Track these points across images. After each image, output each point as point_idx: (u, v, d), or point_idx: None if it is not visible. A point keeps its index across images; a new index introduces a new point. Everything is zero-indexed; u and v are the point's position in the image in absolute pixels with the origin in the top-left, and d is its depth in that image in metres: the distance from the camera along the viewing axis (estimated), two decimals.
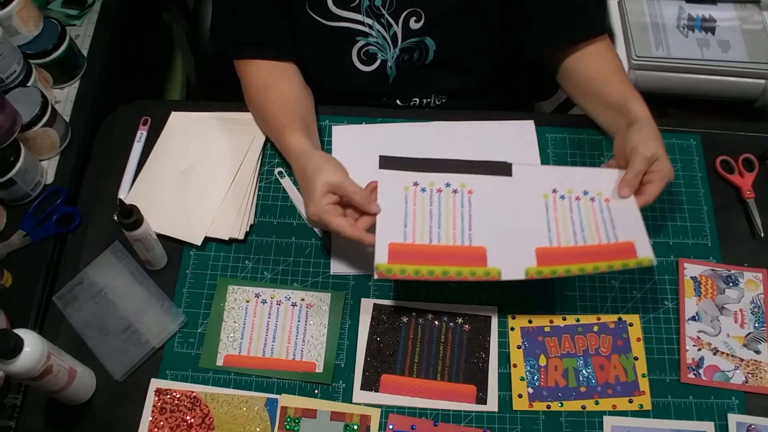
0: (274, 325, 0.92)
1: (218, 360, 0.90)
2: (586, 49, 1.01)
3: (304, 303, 0.94)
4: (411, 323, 0.92)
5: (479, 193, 0.90)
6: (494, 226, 0.88)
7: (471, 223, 0.88)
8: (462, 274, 0.83)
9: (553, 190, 0.91)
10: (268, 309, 0.93)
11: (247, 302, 0.93)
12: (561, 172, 0.94)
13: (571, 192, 0.90)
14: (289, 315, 0.93)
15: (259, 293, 0.94)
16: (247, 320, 0.92)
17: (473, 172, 0.91)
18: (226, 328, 0.92)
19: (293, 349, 0.90)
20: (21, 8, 1.08)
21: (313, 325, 0.92)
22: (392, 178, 0.90)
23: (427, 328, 0.92)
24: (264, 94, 1.00)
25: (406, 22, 0.98)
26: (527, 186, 0.91)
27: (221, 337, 0.91)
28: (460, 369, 0.89)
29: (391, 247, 0.85)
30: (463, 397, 0.87)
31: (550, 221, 0.88)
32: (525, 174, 0.91)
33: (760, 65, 1.13)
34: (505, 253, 0.85)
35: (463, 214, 0.88)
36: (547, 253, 0.86)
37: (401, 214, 0.87)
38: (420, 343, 0.91)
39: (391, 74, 1.05)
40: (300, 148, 0.91)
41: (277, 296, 0.94)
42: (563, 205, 0.90)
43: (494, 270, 0.84)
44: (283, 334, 0.91)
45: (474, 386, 0.88)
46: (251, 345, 0.91)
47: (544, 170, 0.97)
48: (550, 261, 0.85)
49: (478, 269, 0.84)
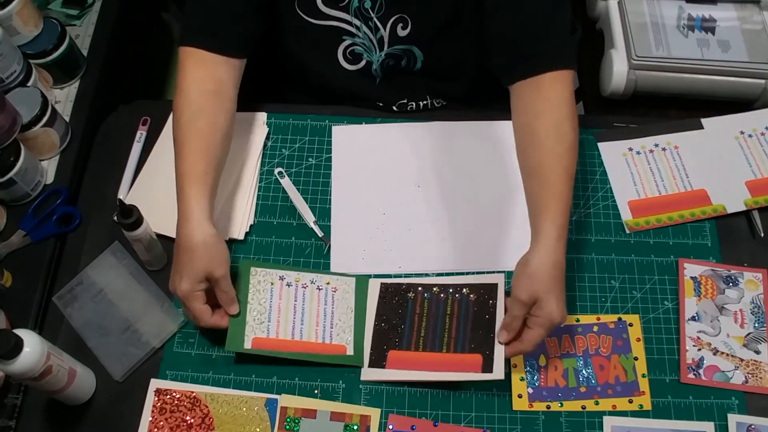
0: (301, 308, 0.91)
1: (246, 343, 0.88)
2: (533, 113, 0.90)
3: (330, 287, 0.93)
4: (417, 298, 0.92)
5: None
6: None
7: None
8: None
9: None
10: (293, 292, 0.92)
11: (272, 284, 0.92)
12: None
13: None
14: (315, 298, 0.92)
15: (284, 276, 0.93)
16: (273, 303, 0.91)
17: None
18: (252, 310, 0.90)
19: (322, 333, 0.90)
20: (21, 8, 1.08)
21: (341, 309, 0.92)
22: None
23: (434, 302, 0.91)
24: (193, 120, 0.90)
25: (393, 27, 0.98)
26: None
27: (248, 320, 0.89)
28: (465, 339, 0.87)
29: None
30: (468, 366, 0.85)
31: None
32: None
33: (760, 65, 1.13)
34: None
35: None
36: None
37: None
38: (426, 317, 0.90)
39: (377, 75, 1.05)
40: (198, 215, 0.85)
41: (302, 279, 0.93)
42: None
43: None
44: (311, 317, 0.91)
45: (480, 355, 0.85)
46: (279, 328, 0.89)
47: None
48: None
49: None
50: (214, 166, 0.90)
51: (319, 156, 1.05)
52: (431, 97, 1.09)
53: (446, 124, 1.07)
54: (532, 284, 0.81)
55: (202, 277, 0.84)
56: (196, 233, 0.84)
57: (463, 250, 0.97)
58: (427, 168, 1.03)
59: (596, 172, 1.03)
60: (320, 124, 1.08)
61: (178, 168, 0.88)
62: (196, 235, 0.84)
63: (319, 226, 0.99)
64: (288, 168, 1.04)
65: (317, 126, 1.08)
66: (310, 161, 1.05)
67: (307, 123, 1.08)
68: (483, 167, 1.03)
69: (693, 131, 1.06)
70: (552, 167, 0.86)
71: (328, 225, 0.99)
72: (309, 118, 1.08)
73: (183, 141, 0.89)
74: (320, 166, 1.04)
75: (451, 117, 1.07)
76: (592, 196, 1.01)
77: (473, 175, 1.02)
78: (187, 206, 0.86)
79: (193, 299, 0.84)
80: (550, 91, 0.90)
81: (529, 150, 0.89)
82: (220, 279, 0.85)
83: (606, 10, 1.23)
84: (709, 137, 1.05)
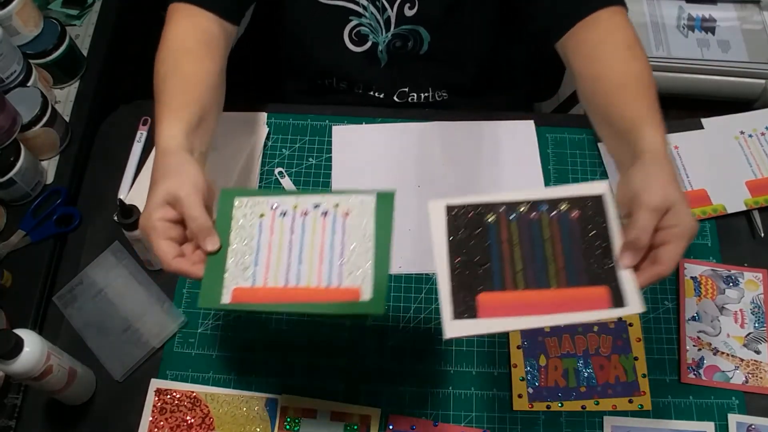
0: (299, 243, 0.71)
1: (224, 297, 0.69)
2: (594, 42, 0.84)
3: (339, 210, 0.72)
4: (501, 221, 0.72)
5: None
6: None
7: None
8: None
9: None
10: (290, 223, 0.72)
11: (261, 217, 0.72)
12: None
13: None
14: (319, 228, 0.71)
15: (277, 204, 0.72)
16: (261, 240, 0.71)
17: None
18: (234, 253, 0.70)
19: (327, 274, 0.69)
20: (21, 8, 1.08)
21: (354, 239, 0.70)
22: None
23: (524, 224, 0.72)
24: (178, 59, 0.82)
25: (401, 7, 0.97)
26: None
27: (228, 266, 0.70)
28: (579, 269, 0.69)
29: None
30: (592, 302, 0.67)
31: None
32: None
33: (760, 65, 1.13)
34: None
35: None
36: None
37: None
38: (519, 244, 0.71)
39: (383, 58, 1.04)
40: (166, 143, 0.73)
41: (302, 205, 0.72)
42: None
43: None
44: (312, 255, 0.70)
45: (604, 287, 0.68)
46: (268, 273, 0.69)
47: None
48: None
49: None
50: (197, 104, 0.77)
51: (319, 156, 1.05)
52: (433, 89, 1.09)
53: (446, 124, 1.07)
54: (666, 186, 0.67)
55: (161, 201, 0.69)
56: (159, 159, 0.72)
57: None
58: (427, 168, 1.03)
59: (596, 172, 1.03)
60: (320, 124, 1.08)
61: (156, 111, 0.77)
62: (159, 160, 0.72)
63: None
64: (288, 168, 1.04)
65: (317, 126, 1.08)
66: (310, 161, 1.05)
67: (307, 123, 1.08)
68: (483, 167, 1.03)
69: (693, 131, 1.06)
70: (633, 84, 0.77)
71: None
72: (309, 118, 1.08)
73: (162, 86, 0.79)
74: (320, 166, 1.04)
75: (451, 116, 1.07)
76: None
77: (473, 175, 1.02)
78: (156, 138, 0.74)
79: (152, 230, 0.68)
80: (609, 22, 0.84)
81: (602, 78, 0.80)
82: (185, 202, 0.68)
83: None
84: (709, 137, 1.05)
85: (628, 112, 0.75)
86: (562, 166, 1.03)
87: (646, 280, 0.67)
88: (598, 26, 0.85)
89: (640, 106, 0.75)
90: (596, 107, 0.81)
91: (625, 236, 0.68)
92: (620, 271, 0.68)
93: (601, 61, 0.82)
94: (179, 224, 0.70)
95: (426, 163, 1.04)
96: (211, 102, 0.81)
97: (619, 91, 0.78)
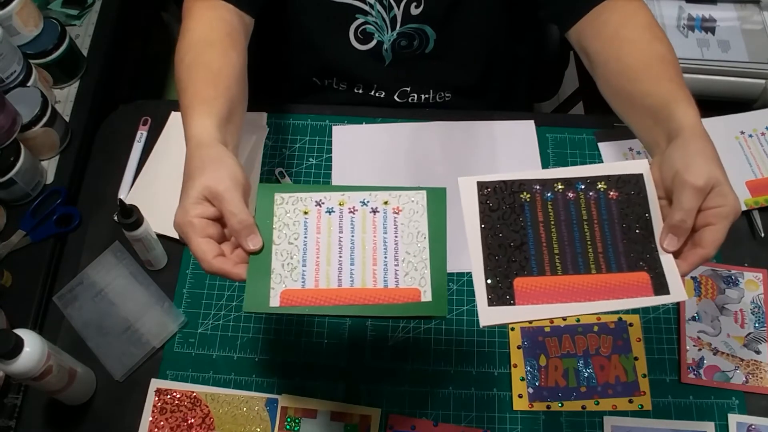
0: (349, 242, 0.67)
1: (272, 299, 0.65)
2: (615, 24, 0.81)
3: (390, 207, 0.69)
4: (536, 201, 0.68)
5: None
6: None
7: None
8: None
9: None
10: (337, 221, 0.68)
11: (306, 214, 0.68)
12: None
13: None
14: (370, 226, 0.68)
15: (322, 200, 0.69)
16: (309, 239, 0.67)
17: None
18: (278, 253, 0.66)
19: (383, 274, 0.66)
20: (21, 8, 1.08)
21: (408, 237, 0.68)
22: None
23: (560, 204, 0.68)
24: (202, 51, 0.79)
25: (407, 6, 0.97)
26: None
27: (273, 266, 0.66)
28: (619, 253, 0.66)
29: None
30: (633, 289, 0.64)
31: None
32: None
33: (760, 65, 1.13)
34: None
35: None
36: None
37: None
38: (555, 226, 0.68)
39: (387, 57, 1.04)
40: (200, 135, 0.70)
41: (349, 202, 0.69)
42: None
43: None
44: (364, 254, 0.67)
45: (646, 273, 0.65)
46: (319, 274, 0.66)
47: None
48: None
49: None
50: (226, 96, 0.75)
51: (319, 156, 1.05)
52: (435, 90, 1.08)
53: (446, 123, 1.07)
54: (709, 164, 0.63)
55: (199, 196, 0.65)
56: (194, 151, 0.69)
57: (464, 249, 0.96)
58: (427, 168, 1.03)
59: None
60: (320, 124, 1.08)
61: (182, 103, 0.74)
62: (194, 153, 0.69)
63: None
64: (288, 168, 1.04)
65: (317, 126, 1.08)
66: (310, 161, 1.05)
67: (307, 123, 1.08)
68: (483, 167, 1.03)
69: None
70: (660, 64, 0.75)
71: None
72: (309, 118, 1.08)
73: (188, 76, 0.76)
74: (320, 166, 1.04)
75: (451, 116, 1.07)
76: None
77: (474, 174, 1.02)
78: (187, 131, 0.71)
79: (190, 228, 0.64)
80: (627, 5, 0.82)
81: (625, 58, 0.78)
82: (224, 197, 0.64)
83: None
84: None
85: (659, 90, 0.72)
86: (562, 166, 1.03)
87: (690, 266, 0.64)
88: (615, 10, 0.83)
89: (669, 84, 0.73)
90: (621, 89, 0.78)
91: (669, 219, 0.65)
92: (662, 256, 0.65)
93: (624, 42, 0.79)
94: (218, 222, 0.67)
95: (426, 163, 1.04)
96: (239, 95, 0.79)
97: (647, 70, 0.75)
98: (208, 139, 0.70)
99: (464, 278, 0.95)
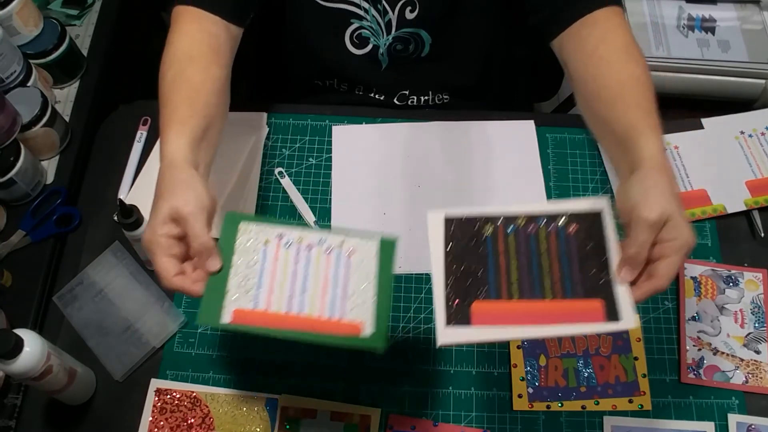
0: (303, 273, 0.71)
1: (224, 315, 0.69)
2: (594, 41, 0.82)
3: (344, 249, 0.73)
4: (499, 233, 0.73)
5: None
6: None
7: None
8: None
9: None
10: (294, 254, 0.72)
11: (266, 243, 0.73)
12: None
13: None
14: (324, 262, 0.72)
15: (283, 234, 0.73)
16: (266, 266, 0.71)
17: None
18: (236, 273, 0.70)
19: (330, 306, 0.70)
20: (21, 8, 1.08)
21: (358, 277, 0.72)
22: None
23: (522, 237, 0.73)
24: (184, 66, 0.81)
25: (402, 10, 0.97)
26: None
27: (229, 286, 0.70)
28: (575, 282, 0.69)
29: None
30: (587, 315, 0.67)
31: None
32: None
33: (760, 65, 1.13)
34: None
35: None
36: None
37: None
38: (516, 256, 0.71)
39: (383, 61, 1.04)
40: (172, 156, 0.73)
41: (307, 239, 0.73)
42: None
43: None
44: (315, 285, 0.70)
45: (599, 300, 0.68)
46: (271, 298, 0.70)
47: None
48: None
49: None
50: (204, 114, 0.78)
51: (319, 156, 1.05)
52: (434, 92, 1.08)
53: (446, 124, 1.07)
54: (663, 199, 0.66)
55: (165, 217, 0.69)
56: (165, 171, 0.72)
57: None
58: (427, 168, 1.03)
59: (596, 172, 1.03)
60: (320, 124, 1.08)
61: (161, 120, 0.77)
62: (165, 172, 0.72)
63: (319, 226, 0.99)
64: (288, 168, 1.04)
65: (317, 126, 1.08)
66: (310, 161, 1.05)
67: (307, 123, 1.08)
68: (483, 167, 1.03)
69: (693, 131, 1.06)
70: (633, 88, 0.76)
71: (329, 225, 0.99)
72: (309, 118, 1.08)
73: (168, 93, 0.79)
74: (320, 166, 1.04)
75: (452, 117, 1.07)
76: (592, 196, 1.01)
77: (473, 175, 1.02)
78: (162, 149, 0.74)
79: (155, 246, 0.68)
80: (608, 22, 0.83)
81: (600, 79, 0.79)
82: (189, 220, 0.68)
83: None
84: (709, 137, 1.05)
85: (627, 118, 0.74)
86: (562, 166, 1.03)
87: (643, 295, 0.67)
88: (596, 26, 0.84)
89: (637, 112, 0.74)
90: (597, 112, 0.80)
91: (625, 251, 0.67)
92: (616, 285, 0.68)
93: (601, 61, 0.81)
94: (182, 241, 0.70)
95: (426, 163, 1.04)
96: (216, 110, 0.81)
97: (620, 95, 0.77)
98: (180, 160, 0.73)
99: None
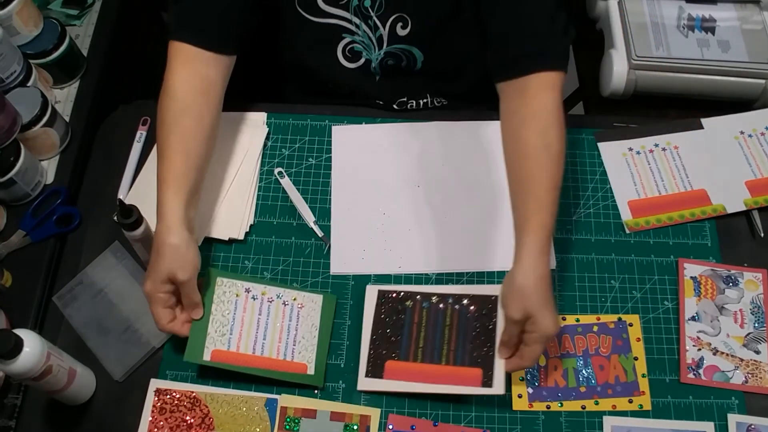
0: (264, 322, 0.90)
1: (205, 354, 0.87)
2: (520, 118, 0.88)
3: (296, 303, 0.92)
4: (416, 307, 0.91)
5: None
6: None
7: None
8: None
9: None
10: (258, 305, 0.91)
11: (237, 296, 0.91)
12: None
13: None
14: (280, 314, 0.91)
15: (250, 288, 0.92)
16: (236, 315, 0.90)
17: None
18: (214, 321, 0.89)
19: (284, 349, 0.89)
20: (21, 8, 1.08)
21: (305, 326, 0.91)
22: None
23: (432, 312, 0.90)
24: (179, 117, 0.90)
25: (393, 26, 0.98)
26: None
27: (209, 331, 0.88)
28: (465, 352, 0.87)
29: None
30: (468, 380, 0.85)
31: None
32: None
33: (760, 65, 1.13)
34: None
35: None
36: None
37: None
38: (425, 327, 0.90)
39: (376, 73, 1.05)
40: (170, 220, 0.84)
41: (269, 293, 0.92)
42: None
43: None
44: (274, 333, 0.90)
45: (480, 369, 0.85)
46: (241, 341, 0.89)
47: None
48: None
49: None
50: (196, 166, 0.89)
51: (319, 156, 1.05)
52: (432, 96, 1.08)
53: (446, 124, 1.07)
54: (523, 301, 0.80)
55: (164, 278, 0.83)
56: (165, 235, 0.84)
57: (464, 249, 0.97)
58: (427, 168, 1.03)
59: (596, 172, 1.03)
60: (320, 124, 1.08)
61: (159, 168, 0.88)
62: (165, 237, 0.84)
63: (319, 226, 0.99)
64: (288, 168, 1.04)
65: (317, 126, 1.08)
66: (310, 161, 1.05)
67: (307, 123, 1.08)
68: (483, 167, 1.03)
69: (693, 131, 1.06)
70: (536, 177, 0.84)
71: (328, 225, 0.99)
72: (309, 118, 1.08)
73: (166, 140, 0.89)
74: (320, 166, 1.04)
75: (451, 117, 1.07)
76: (592, 196, 1.02)
77: (473, 174, 1.02)
78: (162, 208, 0.85)
79: (154, 300, 0.84)
80: (536, 98, 0.88)
81: (514, 158, 0.88)
82: (184, 283, 0.84)
83: (606, 10, 1.23)
84: (709, 137, 1.05)
85: (524, 209, 0.84)
86: None
87: (511, 368, 0.84)
88: (524, 99, 0.88)
89: (533, 206, 0.83)
90: (508, 181, 0.89)
91: (501, 336, 0.84)
92: (496, 360, 0.85)
93: (517, 146, 0.88)
94: (174, 293, 0.86)
95: (426, 163, 1.04)
96: (206, 157, 0.92)
97: (525, 184, 0.85)
98: (176, 225, 0.84)
99: (462, 279, 0.95)
